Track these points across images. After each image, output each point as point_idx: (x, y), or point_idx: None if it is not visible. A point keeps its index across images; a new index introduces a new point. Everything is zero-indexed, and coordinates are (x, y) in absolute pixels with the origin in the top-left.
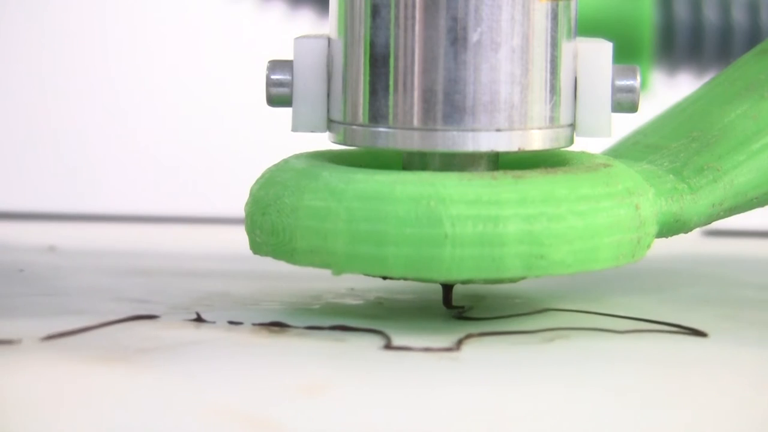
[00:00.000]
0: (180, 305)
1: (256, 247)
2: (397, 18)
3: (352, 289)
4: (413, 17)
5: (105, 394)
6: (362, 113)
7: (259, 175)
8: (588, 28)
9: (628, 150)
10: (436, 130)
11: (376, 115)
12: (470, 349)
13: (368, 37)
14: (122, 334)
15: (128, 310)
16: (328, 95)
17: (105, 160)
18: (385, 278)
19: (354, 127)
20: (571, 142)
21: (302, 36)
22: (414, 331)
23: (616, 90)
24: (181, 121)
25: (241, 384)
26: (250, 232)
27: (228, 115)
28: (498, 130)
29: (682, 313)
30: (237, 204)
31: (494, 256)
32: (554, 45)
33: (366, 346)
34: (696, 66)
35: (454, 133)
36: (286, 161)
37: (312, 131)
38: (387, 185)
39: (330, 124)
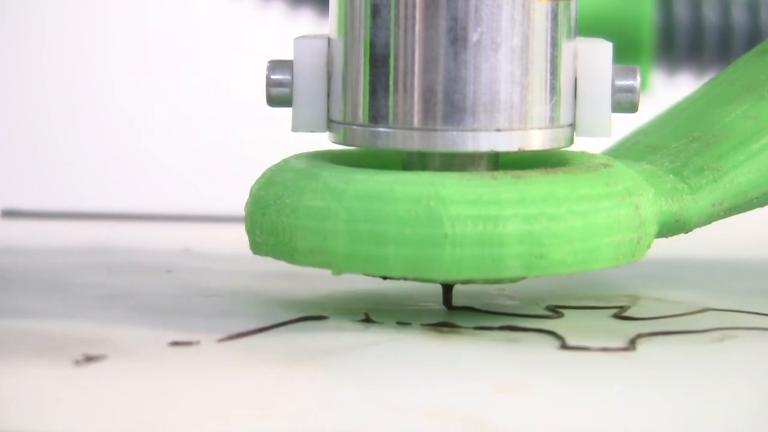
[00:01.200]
0: (343, 307)
1: (256, 247)
2: (397, 18)
3: (503, 289)
4: (413, 17)
5: (295, 395)
6: (362, 113)
7: (259, 175)
8: (588, 28)
9: (628, 150)
10: (436, 130)
11: (376, 115)
12: (644, 348)
13: (368, 37)
14: (296, 335)
15: (287, 311)
16: (328, 95)
17: (105, 158)
18: (385, 278)
19: (354, 127)
20: (571, 142)
21: (302, 36)
22: (580, 331)
23: (616, 90)
24: (180, 120)
25: (436, 383)
26: (250, 232)
27: (228, 115)
28: (498, 130)
29: None
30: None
31: (494, 256)
32: (554, 45)
33: (542, 346)
34: (696, 66)
35: (454, 133)
36: (286, 161)
37: (312, 131)
38: (387, 185)
39: (330, 124)
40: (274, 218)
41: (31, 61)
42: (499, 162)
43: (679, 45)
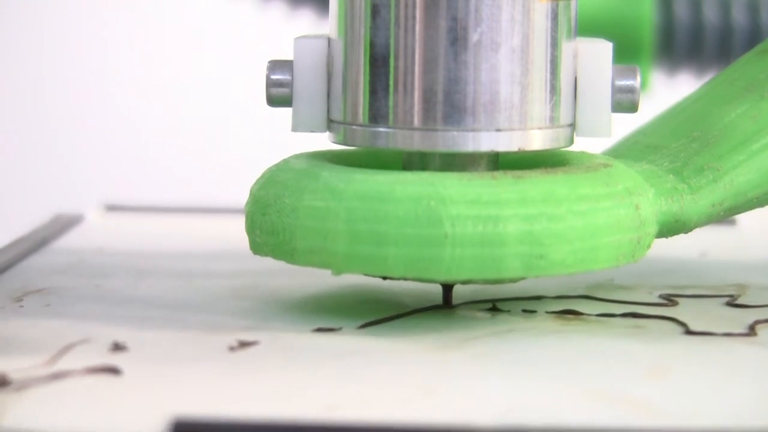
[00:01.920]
0: (468, 297)
1: (256, 247)
2: (397, 18)
3: (612, 279)
4: (413, 17)
5: (448, 380)
6: (362, 113)
7: (259, 175)
8: (588, 28)
9: (628, 150)
10: (436, 130)
11: (376, 115)
12: (766, 334)
13: (368, 37)
14: (431, 323)
15: (416, 300)
16: (328, 95)
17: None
18: (385, 278)
19: (354, 127)
20: (571, 142)
21: (302, 36)
22: (699, 318)
23: (616, 90)
24: (181, 121)
25: (578, 367)
26: (250, 232)
27: (229, 115)
28: (498, 130)
29: None
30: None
31: (494, 256)
32: (554, 45)
33: (668, 332)
34: (696, 66)
35: (454, 133)
36: (286, 161)
37: (312, 131)
38: (387, 185)
39: (330, 124)
40: (274, 218)
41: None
42: (499, 162)
43: (679, 45)
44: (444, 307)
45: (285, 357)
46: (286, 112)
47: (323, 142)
